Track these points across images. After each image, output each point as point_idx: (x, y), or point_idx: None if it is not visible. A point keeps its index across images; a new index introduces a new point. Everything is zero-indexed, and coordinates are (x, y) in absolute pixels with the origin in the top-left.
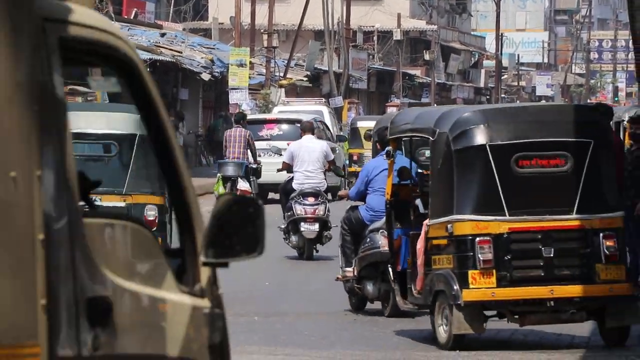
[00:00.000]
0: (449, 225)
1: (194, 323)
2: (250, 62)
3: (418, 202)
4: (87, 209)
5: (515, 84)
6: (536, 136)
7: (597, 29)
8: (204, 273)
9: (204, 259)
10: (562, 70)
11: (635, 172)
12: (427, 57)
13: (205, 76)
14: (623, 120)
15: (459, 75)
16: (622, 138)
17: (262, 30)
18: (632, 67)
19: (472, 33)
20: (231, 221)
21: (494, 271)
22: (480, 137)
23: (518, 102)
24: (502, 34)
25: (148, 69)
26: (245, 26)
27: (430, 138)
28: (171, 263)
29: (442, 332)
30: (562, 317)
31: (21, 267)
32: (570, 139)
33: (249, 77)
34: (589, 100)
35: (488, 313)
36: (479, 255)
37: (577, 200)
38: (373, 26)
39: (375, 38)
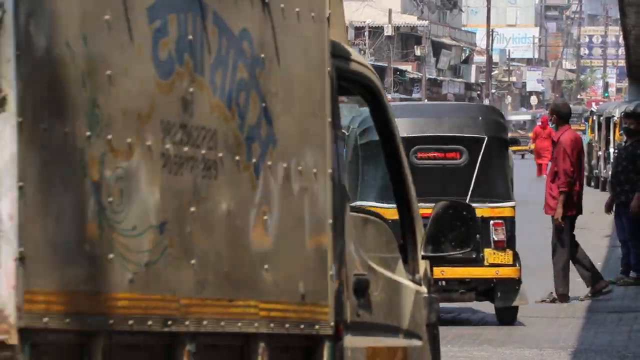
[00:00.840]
0: None
1: (417, 304)
2: None
3: None
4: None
5: (506, 79)
6: (434, 131)
7: (587, 24)
8: (422, 265)
9: (423, 253)
10: (552, 65)
11: (629, 167)
12: (418, 52)
13: None
14: (613, 116)
15: (449, 71)
16: (612, 133)
17: None
18: (622, 63)
19: (462, 29)
20: (448, 222)
21: None
22: None
23: (509, 97)
24: (492, 29)
25: None
26: None
27: (346, 133)
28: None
29: None
30: (453, 297)
31: (320, 244)
32: (465, 135)
33: None
34: (578, 96)
35: None
36: None
37: (470, 191)
38: (364, 22)
39: (366, 33)
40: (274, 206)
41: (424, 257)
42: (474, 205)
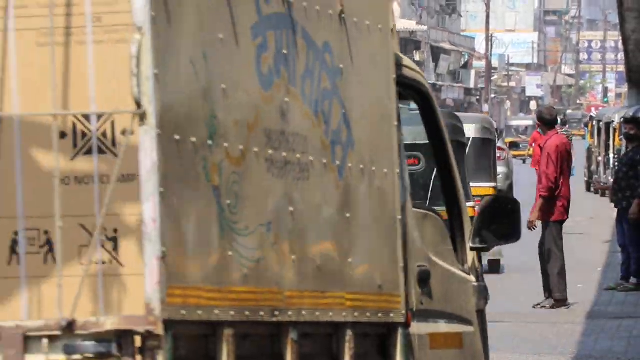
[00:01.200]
0: None
1: (468, 293)
2: None
3: None
4: None
5: (505, 84)
6: None
7: (586, 29)
8: (470, 256)
9: (471, 245)
10: (551, 70)
11: (629, 174)
12: (417, 57)
13: None
14: (613, 122)
15: (449, 76)
16: (612, 139)
17: None
18: (621, 68)
19: (462, 34)
20: (493, 215)
21: None
22: None
23: (508, 102)
24: (491, 34)
25: None
26: None
27: None
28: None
29: None
30: None
31: (391, 238)
32: (422, 142)
33: None
34: (578, 101)
35: None
36: None
37: (428, 196)
38: None
39: None
40: (354, 204)
41: (472, 249)
42: (435, 208)
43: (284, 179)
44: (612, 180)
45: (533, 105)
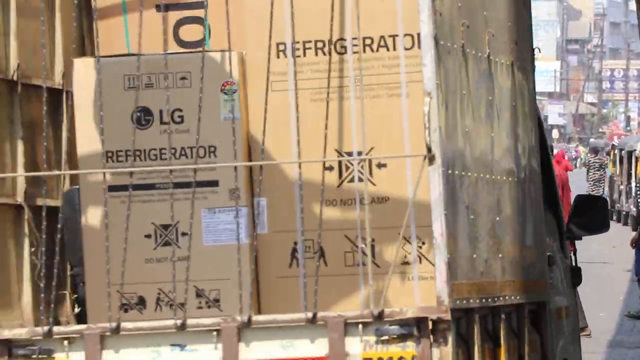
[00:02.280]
0: None
1: (568, 273)
2: None
3: None
4: None
5: None
6: None
7: (609, 58)
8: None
9: (567, 235)
10: (574, 99)
11: None
12: None
13: None
14: (635, 150)
15: None
16: (634, 167)
17: None
18: None
19: None
20: (584, 210)
21: None
22: None
23: None
24: None
25: None
26: None
27: None
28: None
29: None
30: None
31: (540, 233)
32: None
33: None
34: (600, 129)
35: None
36: None
37: None
38: None
39: None
40: (525, 208)
41: (567, 238)
42: None
43: (492, 196)
44: (633, 209)
45: (555, 133)
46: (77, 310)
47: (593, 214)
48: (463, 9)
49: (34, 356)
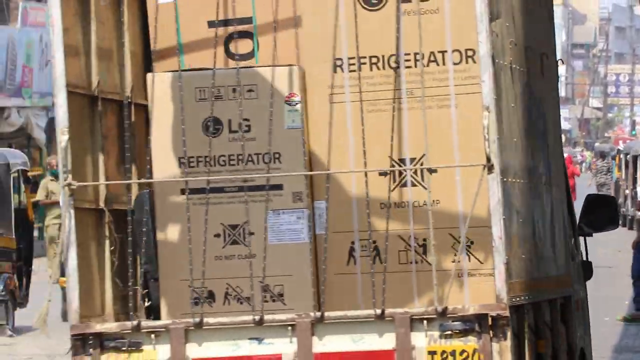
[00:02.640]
0: None
1: (580, 268)
2: None
3: None
4: None
5: None
6: None
7: (614, 62)
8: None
9: (580, 232)
10: (579, 103)
11: None
12: None
13: None
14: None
15: None
16: (639, 172)
17: None
18: None
19: None
20: (595, 208)
21: None
22: None
23: None
24: None
25: None
26: None
27: None
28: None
29: None
30: None
31: (568, 233)
32: None
33: None
34: (606, 134)
35: None
36: None
37: None
38: None
39: None
40: (557, 213)
41: (580, 234)
42: None
43: (534, 200)
44: (639, 213)
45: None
46: (147, 304)
47: (602, 212)
48: (510, 28)
49: (123, 348)
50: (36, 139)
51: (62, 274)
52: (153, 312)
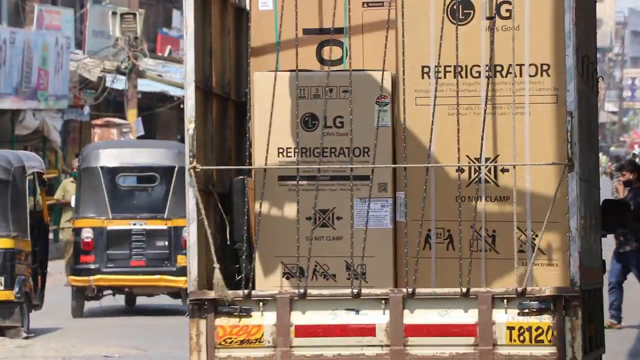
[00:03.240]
0: None
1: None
2: None
3: None
4: None
5: None
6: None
7: (630, 66)
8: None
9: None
10: None
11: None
12: None
13: None
14: None
15: None
16: None
17: None
18: None
19: None
20: (609, 211)
21: None
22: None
23: None
24: None
25: (181, 105)
26: None
27: None
28: None
29: None
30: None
31: (600, 227)
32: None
33: None
34: (621, 138)
35: None
36: None
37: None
38: None
39: None
40: (597, 209)
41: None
42: None
43: (591, 199)
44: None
45: None
46: (237, 278)
47: (616, 216)
48: (582, 42)
49: (235, 314)
50: (52, 141)
51: (72, 273)
52: (243, 285)
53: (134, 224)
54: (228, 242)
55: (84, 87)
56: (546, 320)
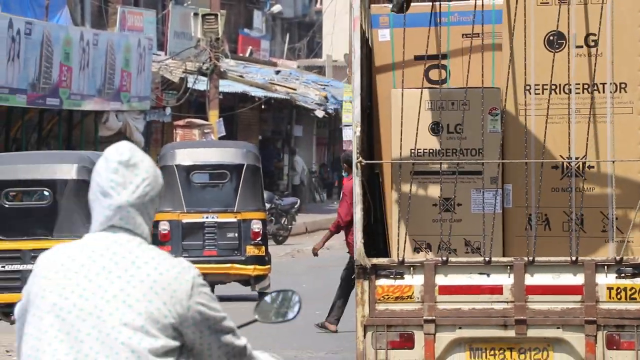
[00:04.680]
0: None
1: None
2: None
3: None
4: None
5: None
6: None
7: None
8: None
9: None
10: None
11: None
12: None
13: (319, 113)
14: None
15: None
16: None
17: None
18: None
19: None
20: None
21: None
22: None
23: None
24: None
25: (262, 106)
26: None
27: None
28: None
29: None
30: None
31: None
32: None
33: None
34: None
35: None
36: None
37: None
38: None
39: None
40: None
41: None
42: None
43: None
44: None
45: None
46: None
47: None
48: None
49: (391, 276)
50: (134, 142)
51: None
52: (398, 255)
53: (207, 217)
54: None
55: (165, 88)
56: (638, 282)
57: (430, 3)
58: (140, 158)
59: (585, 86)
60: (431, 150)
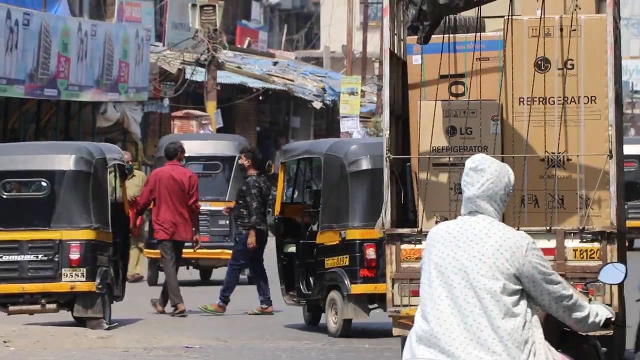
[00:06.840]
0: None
1: None
2: (362, 90)
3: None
4: None
5: (629, 111)
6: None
7: None
8: None
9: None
10: None
11: (239, 202)
12: None
13: (317, 104)
14: None
15: None
16: None
17: (373, 59)
18: None
19: None
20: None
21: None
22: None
23: (632, 129)
24: None
25: (260, 97)
26: (357, 54)
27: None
28: None
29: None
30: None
31: None
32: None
33: (360, 105)
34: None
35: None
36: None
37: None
38: None
39: None
40: (622, 182)
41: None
42: None
43: (621, 175)
44: None
45: None
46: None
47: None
48: (617, 78)
49: (412, 242)
50: (132, 133)
51: (147, 247)
52: (417, 226)
53: (200, 205)
54: (402, 202)
55: (163, 79)
56: (596, 245)
57: (448, 35)
58: (488, 164)
59: (566, 99)
60: (447, 147)
